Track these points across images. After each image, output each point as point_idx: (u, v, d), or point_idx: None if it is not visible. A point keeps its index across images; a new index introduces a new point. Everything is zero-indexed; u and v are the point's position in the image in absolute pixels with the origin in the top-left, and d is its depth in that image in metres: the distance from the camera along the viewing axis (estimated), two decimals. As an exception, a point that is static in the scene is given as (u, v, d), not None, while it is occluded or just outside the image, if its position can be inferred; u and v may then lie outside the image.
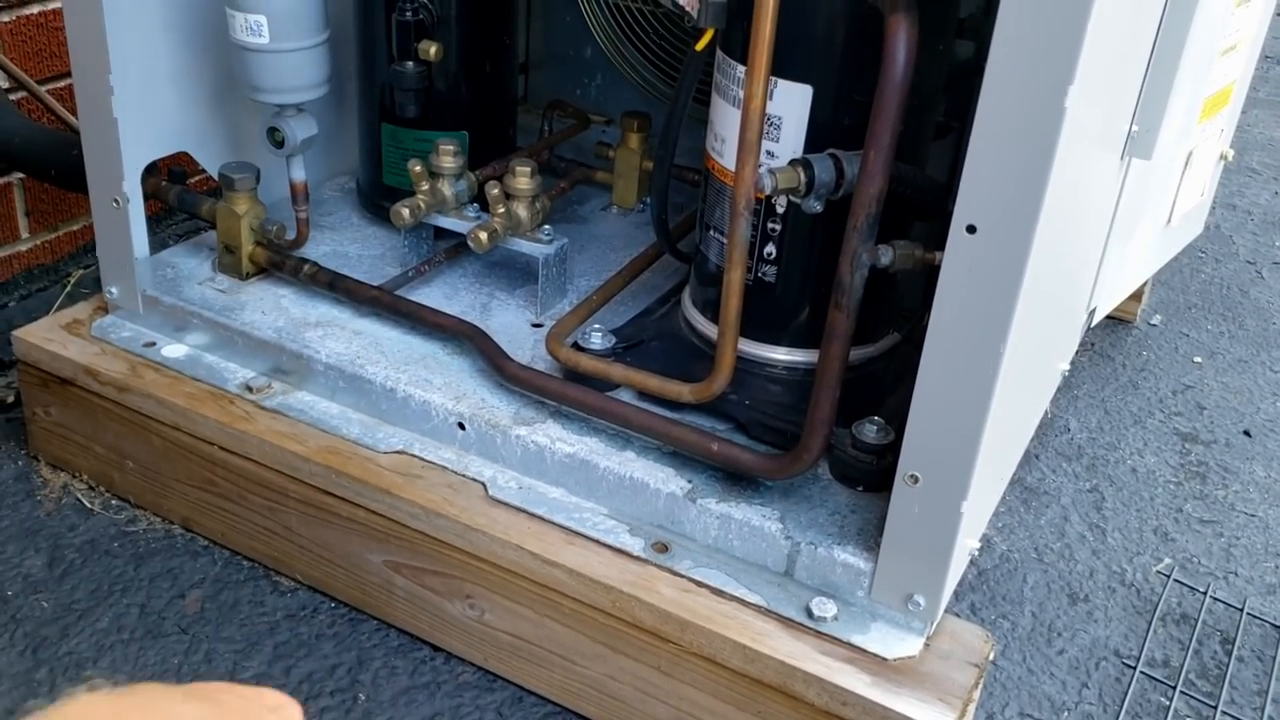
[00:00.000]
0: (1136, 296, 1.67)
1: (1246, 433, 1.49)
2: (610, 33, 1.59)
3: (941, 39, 0.99)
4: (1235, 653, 1.15)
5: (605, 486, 1.02)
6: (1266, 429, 1.49)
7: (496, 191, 1.15)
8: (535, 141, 1.47)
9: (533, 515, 1.01)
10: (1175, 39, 1.10)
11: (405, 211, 1.16)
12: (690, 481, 1.01)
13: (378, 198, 1.33)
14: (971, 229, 0.78)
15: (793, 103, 0.96)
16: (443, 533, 1.02)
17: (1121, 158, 1.15)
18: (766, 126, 0.98)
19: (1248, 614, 1.19)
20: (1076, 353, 1.61)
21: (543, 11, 1.72)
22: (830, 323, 0.90)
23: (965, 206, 0.78)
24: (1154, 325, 1.71)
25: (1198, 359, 1.63)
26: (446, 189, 1.20)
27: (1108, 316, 1.69)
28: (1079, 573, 1.24)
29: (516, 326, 1.18)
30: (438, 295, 1.23)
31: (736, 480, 1.01)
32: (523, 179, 1.16)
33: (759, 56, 0.88)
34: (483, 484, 1.04)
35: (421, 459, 1.07)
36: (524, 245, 1.18)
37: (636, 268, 1.24)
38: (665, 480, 1.00)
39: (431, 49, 1.19)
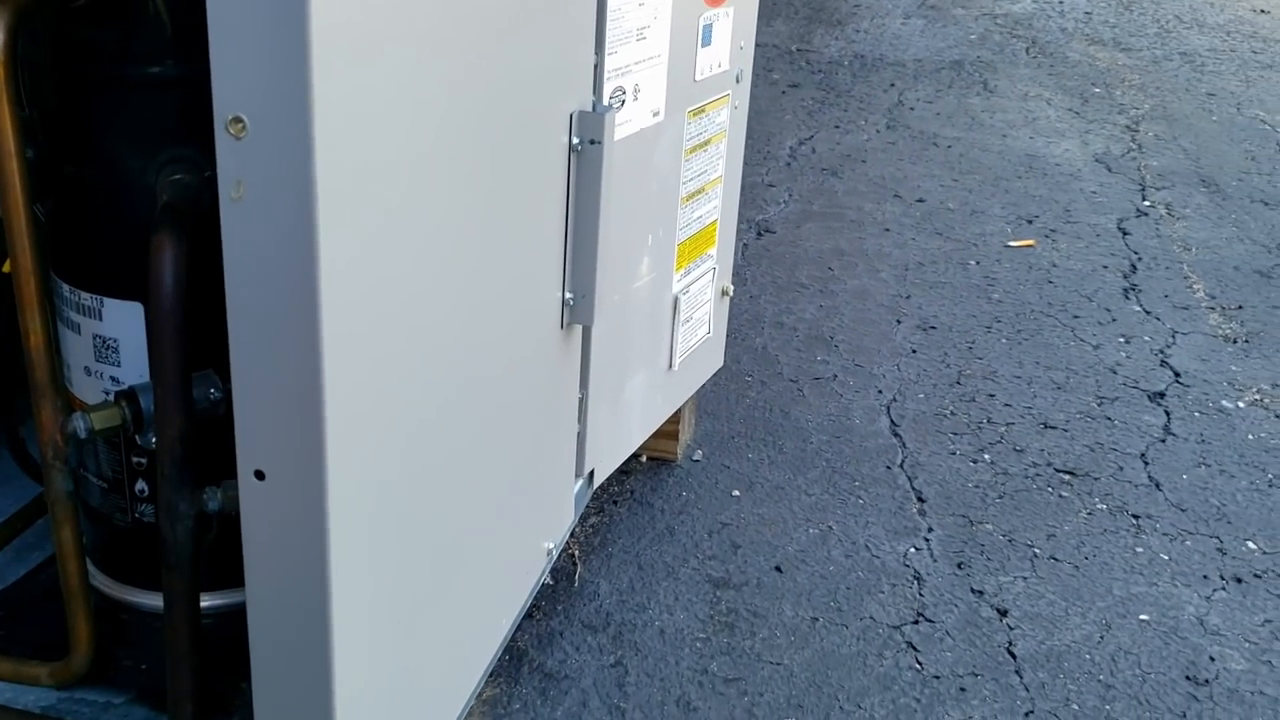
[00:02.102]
0: (672, 435, 1.64)
1: (778, 568, 1.46)
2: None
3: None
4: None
5: (-50, 807, 0.83)
6: (797, 561, 1.47)
7: None
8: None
9: None
10: (589, 205, 1.06)
11: None
12: (53, 785, 0.83)
13: None
14: (260, 475, 0.67)
15: (126, 322, 0.83)
16: None
17: (562, 326, 1.09)
18: (104, 350, 0.84)
19: (759, 786, 1.13)
20: (613, 504, 1.55)
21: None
22: (166, 586, 0.76)
23: (247, 448, 0.66)
24: (696, 461, 1.68)
25: (736, 492, 1.61)
26: None
27: (649, 458, 1.65)
28: (591, 769, 1.14)
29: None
30: None
31: (119, 770, 0.85)
32: None
33: (25, 285, 0.74)
34: None
35: None
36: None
37: (29, 516, 1.06)
38: (20, 789, 0.83)
39: None
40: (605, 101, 1.09)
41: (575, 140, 1.02)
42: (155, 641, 0.94)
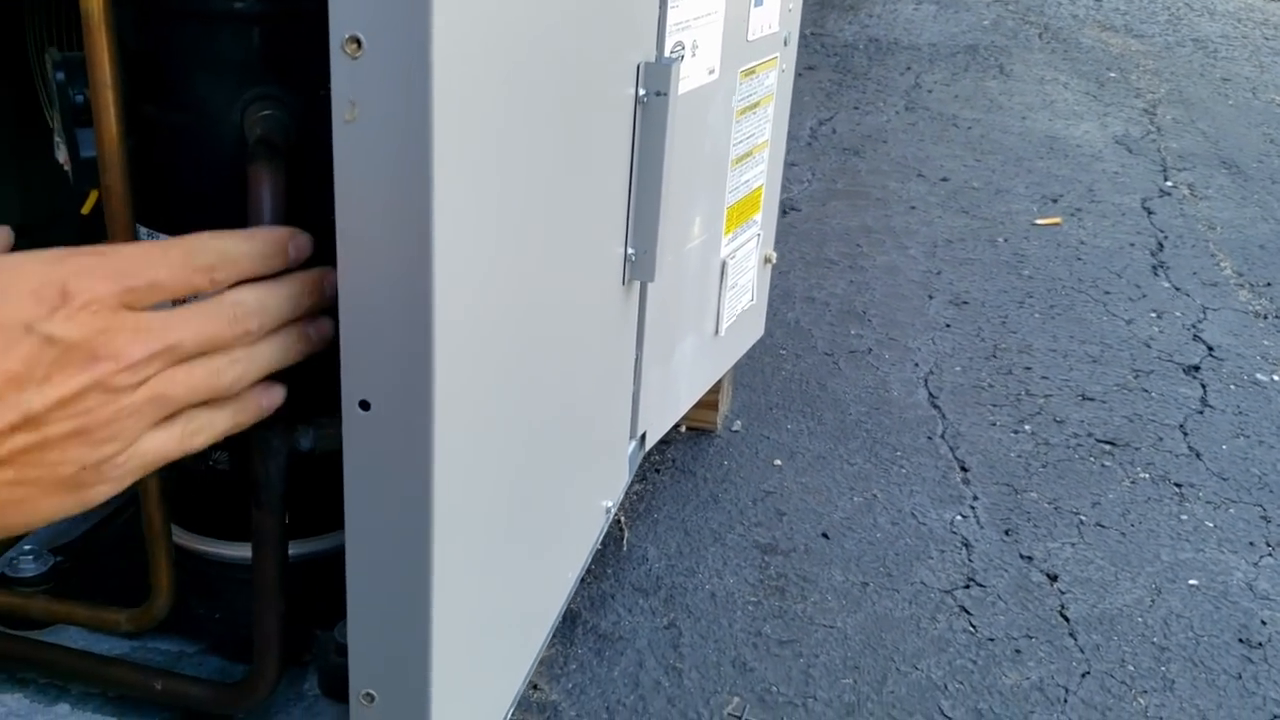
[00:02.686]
0: (712, 405, 1.64)
1: (825, 535, 1.45)
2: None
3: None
4: (812, 791, 1.08)
5: (31, 753, 0.82)
6: (844, 528, 1.47)
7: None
8: None
9: (-71, 810, 0.80)
10: (653, 159, 1.05)
11: None
12: (134, 731, 0.83)
13: None
14: (365, 405, 0.66)
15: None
16: None
17: (624, 282, 1.09)
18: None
19: (822, 744, 1.12)
20: (655, 472, 1.54)
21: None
22: (256, 525, 0.76)
23: (352, 378, 0.66)
24: (735, 431, 1.68)
25: (778, 461, 1.61)
26: None
27: (688, 428, 1.65)
28: (652, 728, 1.14)
29: (-58, 555, 0.97)
30: None
31: (201, 719, 0.84)
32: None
33: (118, 217, 0.73)
34: None
35: None
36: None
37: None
38: (103, 735, 0.82)
39: None
40: (667, 55, 1.08)
41: (642, 91, 1.02)
42: (228, 592, 0.93)
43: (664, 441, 1.60)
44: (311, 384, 0.79)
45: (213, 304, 0.61)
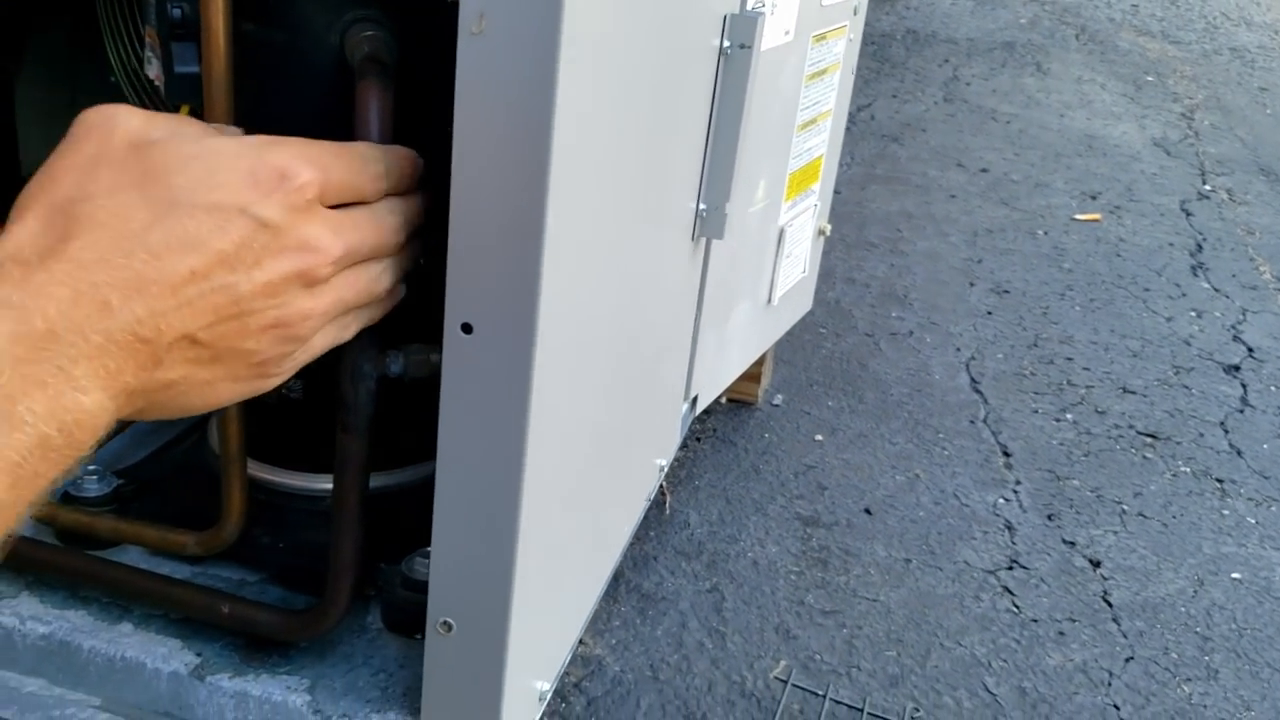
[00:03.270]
0: (755, 377, 1.63)
1: (867, 510, 1.45)
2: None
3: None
4: (858, 758, 1.07)
5: (94, 671, 0.82)
6: (886, 505, 1.46)
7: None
8: None
9: (-8, 720, 0.80)
10: (732, 114, 1.04)
11: None
12: (200, 655, 0.82)
13: None
14: (467, 328, 0.65)
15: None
16: None
17: (693, 238, 1.08)
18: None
19: (869, 714, 1.11)
20: (697, 440, 1.53)
21: (43, 119, 1.50)
22: (341, 449, 0.75)
23: (456, 301, 0.65)
24: (776, 405, 1.67)
25: (819, 437, 1.60)
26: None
27: (730, 400, 1.64)
28: (696, 688, 1.13)
29: None
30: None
31: (262, 646, 0.84)
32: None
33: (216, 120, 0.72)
34: (-72, 685, 0.82)
35: None
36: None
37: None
38: (167, 656, 0.81)
39: None
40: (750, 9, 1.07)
41: (726, 43, 1.01)
42: (292, 523, 0.93)
43: (705, 411, 1.59)
44: (402, 310, 0.78)
45: (377, 213, 0.61)
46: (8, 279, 0.47)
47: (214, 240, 0.51)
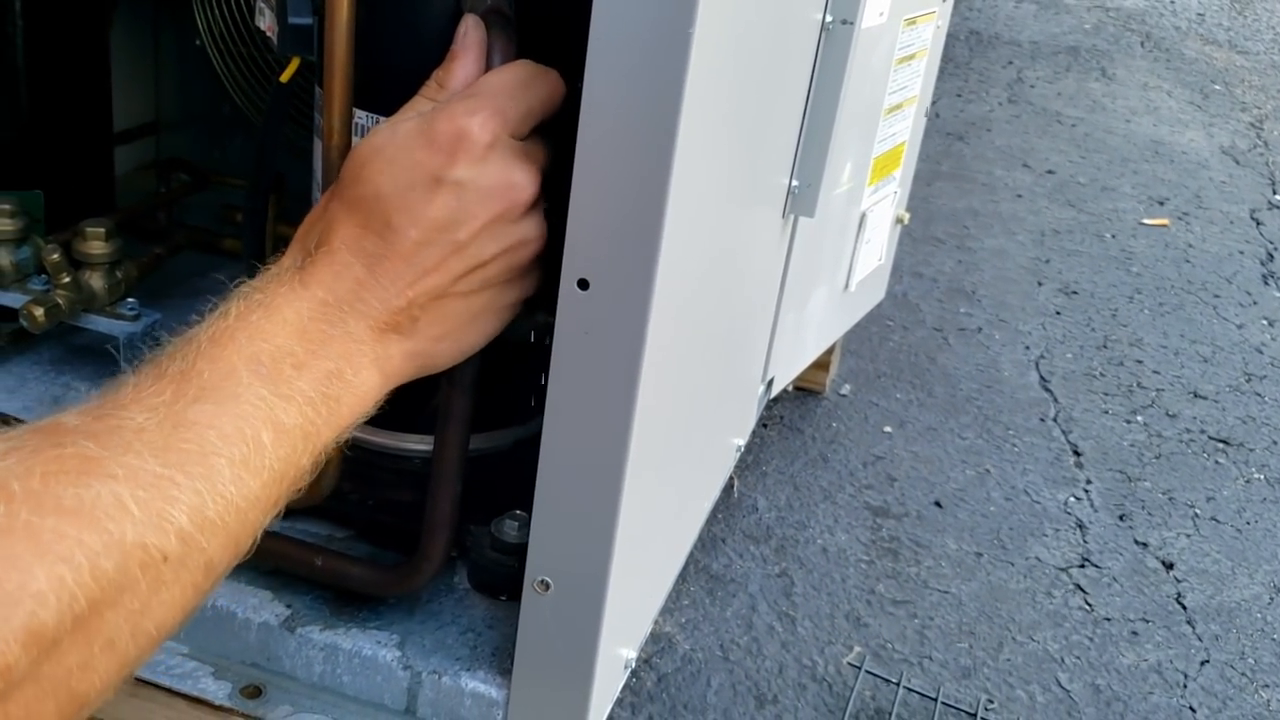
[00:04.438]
0: (824, 366, 1.62)
1: (938, 503, 1.43)
2: (247, 88, 1.41)
3: (567, 73, 0.87)
4: (930, 747, 1.06)
5: (184, 618, 0.82)
6: (957, 499, 1.44)
7: (56, 258, 0.94)
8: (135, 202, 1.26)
9: (85, 662, 0.80)
10: (830, 90, 1.03)
11: (-60, 285, 0.94)
12: (290, 606, 0.82)
13: (-68, 273, 1.09)
14: (584, 284, 0.65)
15: (399, 146, 0.82)
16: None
17: (784, 215, 1.07)
18: (370, 174, 0.82)
19: (942, 703, 1.10)
20: (764, 426, 1.52)
21: (175, 66, 1.52)
22: (444, 404, 0.75)
23: (574, 257, 0.64)
24: (843, 395, 1.65)
25: (888, 428, 1.58)
26: (4, 258, 0.98)
27: (797, 388, 1.63)
28: (768, 670, 1.12)
29: (94, 423, 0.97)
30: (-4, 389, 1.00)
31: (351, 600, 0.84)
32: (95, 242, 0.96)
33: (335, 82, 0.72)
34: (23, 625, 0.82)
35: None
36: (99, 323, 0.98)
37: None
38: (258, 607, 0.81)
39: (-23, 89, 0.98)
40: (849, -12, 1.06)
41: (829, 18, 1.00)
42: (379, 480, 0.93)
43: (771, 398, 1.58)
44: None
45: (538, 150, 0.65)
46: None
47: (425, 211, 0.58)
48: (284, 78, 0.83)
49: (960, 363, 1.78)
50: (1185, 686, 1.18)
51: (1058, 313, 2.00)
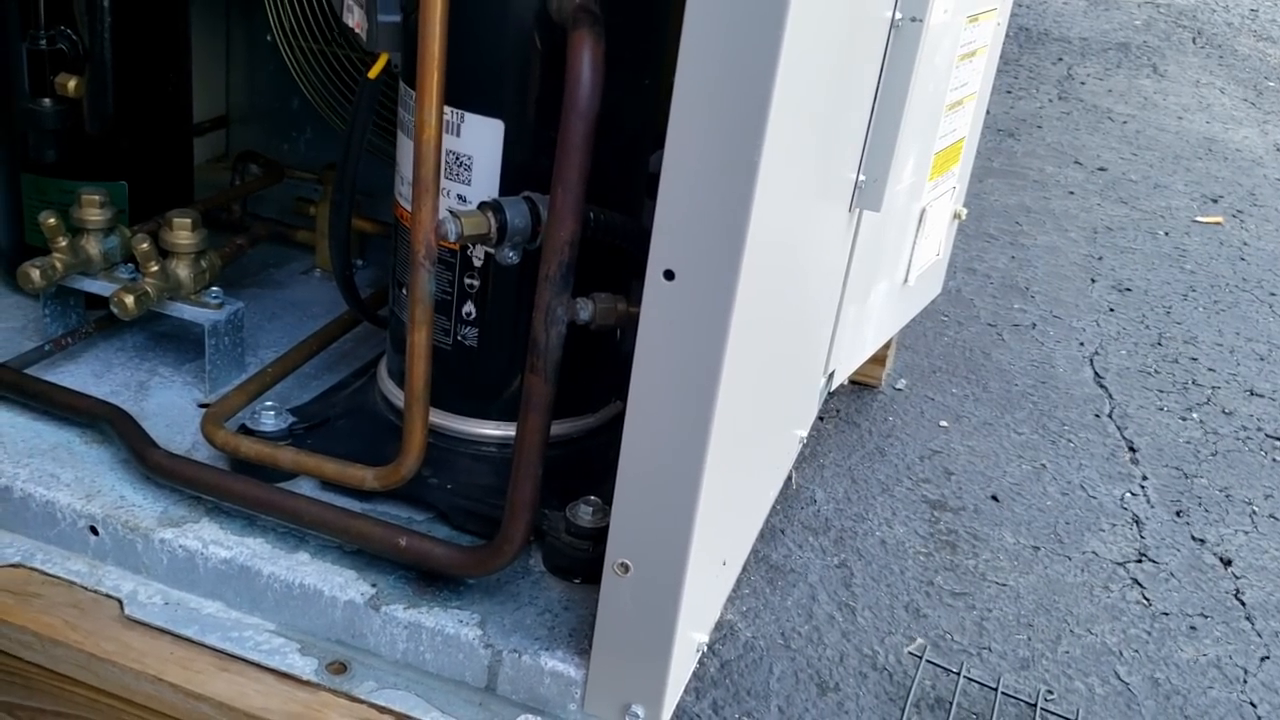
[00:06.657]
0: (880, 360, 1.63)
1: (994, 497, 1.44)
2: (317, 82, 1.44)
3: (647, 71, 0.89)
4: (991, 736, 1.07)
5: (271, 597, 0.85)
6: (1013, 493, 1.45)
7: (146, 247, 0.97)
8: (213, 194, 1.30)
9: (179, 637, 0.83)
10: (898, 86, 1.04)
11: (35, 272, 0.97)
12: (374, 585, 0.85)
13: (21, 260, 1.13)
14: (669, 275, 0.67)
15: (483, 139, 0.84)
16: (61, 664, 0.82)
17: (850, 209, 1.08)
18: (455, 167, 0.85)
19: (1002, 693, 1.11)
20: (820, 419, 1.54)
21: (244, 60, 1.55)
22: (527, 390, 0.77)
23: (660, 249, 0.66)
24: (899, 390, 1.66)
25: (944, 423, 1.59)
26: (93, 247, 1.02)
27: (852, 382, 1.64)
28: (829, 658, 1.14)
29: (179, 407, 1.00)
30: (85, 373, 1.03)
31: (432, 581, 0.86)
32: (181, 233, 0.99)
33: (428, 76, 0.75)
34: (119, 601, 0.85)
35: (43, 573, 0.87)
36: (185, 310, 1.01)
37: (328, 336, 1.08)
38: (343, 586, 0.84)
39: (70, 83, 1.01)
40: (916, -14, 1.07)
41: (899, 15, 1.01)
42: (460, 466, 0.95)
43: (829, 391, 1.59)
44: (596, 258, 0.80)
45: None
46: None
47: None
48: (372, 74, 0.85)
49: (1014, 358, 1.79)
50: (1245, 682, 1.18)
51: (1111, 309, 2.00)
